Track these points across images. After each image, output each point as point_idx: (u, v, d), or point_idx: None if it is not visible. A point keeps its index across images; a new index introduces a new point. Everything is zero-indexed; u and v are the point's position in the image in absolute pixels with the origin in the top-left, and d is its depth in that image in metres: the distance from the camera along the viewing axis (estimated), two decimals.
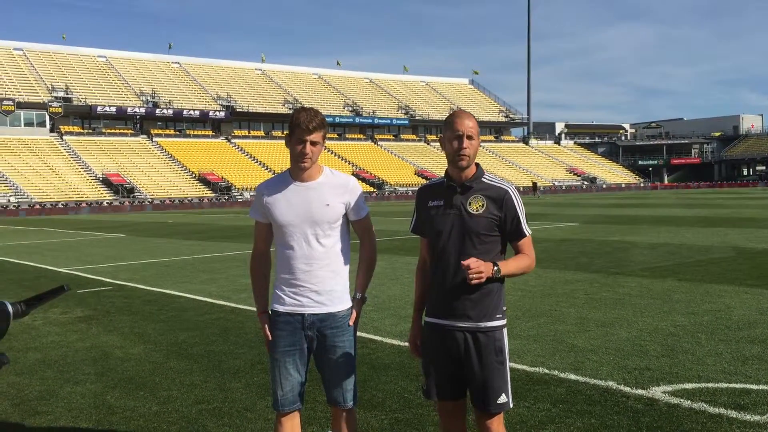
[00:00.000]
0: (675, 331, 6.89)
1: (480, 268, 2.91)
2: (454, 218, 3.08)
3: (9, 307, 2.12)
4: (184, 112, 74.69)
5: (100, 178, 61.10)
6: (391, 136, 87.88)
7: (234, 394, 5.25)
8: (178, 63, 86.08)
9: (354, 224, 3.38)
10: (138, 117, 72.84)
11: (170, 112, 74.29)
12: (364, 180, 68.81)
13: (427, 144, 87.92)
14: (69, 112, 69.11)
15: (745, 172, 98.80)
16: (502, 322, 3.13)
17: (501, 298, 3.14)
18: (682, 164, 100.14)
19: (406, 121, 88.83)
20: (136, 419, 4.77)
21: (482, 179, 3.12)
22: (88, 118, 71.14)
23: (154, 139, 72.01)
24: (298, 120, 3.16)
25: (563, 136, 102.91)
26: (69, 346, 7.05)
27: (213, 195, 62.48)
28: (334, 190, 3.27)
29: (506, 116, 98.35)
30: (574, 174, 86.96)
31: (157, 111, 73.71)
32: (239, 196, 62.09)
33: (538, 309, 8.23)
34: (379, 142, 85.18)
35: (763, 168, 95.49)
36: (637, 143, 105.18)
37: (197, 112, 75.44)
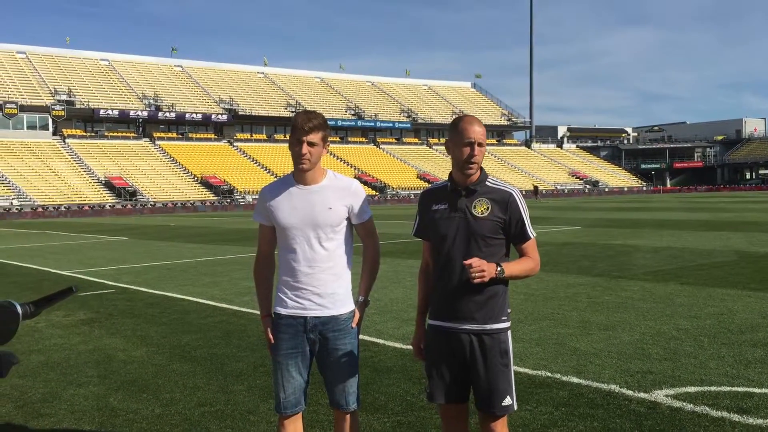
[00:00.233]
0: (677, 334, 6.88)
1: (483, 267, 2.92)
2: (459, 221, 3.09)
3: (18, 308, 2.13)
4: (187, 116, 74.75)
5: (103, 181, 61.19)
6: (394, 140, 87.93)
7: (237, 397, 5.25)
8: (181, 66, 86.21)
9: (357, 228, 3.37)
10: (140, 120, 72.94)
11: (173, 115, 74.36)
12: (366, 183, 68.83)
13: (429, 147, 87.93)
14: (72, 116, 69.26)
15: (747, 176, 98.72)
16: (507, 324, 3.14)
17: (506, 301, 3.15)
18: (685, 168, 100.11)
19: (409, 125, 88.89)
20: (139, 422, 4.77)
21: (486, 183, 3.13)
22: (91, 122, 71.28)
23: (157, 143, 72.10)
24: (296, 121, 3.20)
25: (566, 139, 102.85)
26: (72, 349, 7.06)
27: (215, 198, 62.54)
28: (336, 194, 3.27)
29: (509, 120, 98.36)
30: (577, 177, 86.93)
31: (160, 114, 73.79)
32: (241, 200, 62.14)
33: (541, 312, 8.24)
34: (381, 146, 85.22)
35: (766, 172, 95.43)
36: (640, 147, 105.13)
37: (200, 116, 75.52)
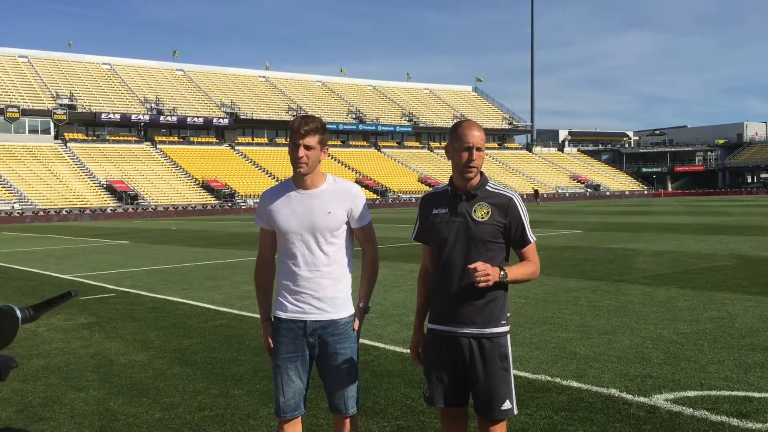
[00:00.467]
0: (677, 338, 6.89)
1: (487, 271, 2.94)
2: (460, 226, 3.10)
3: (18, 312, 2.14)
4: (188, 120, 74.82)
5: (104, 185, 61.23)
6: (395, 143, 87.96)
7: (237, 401, 5.26)
8: (182, 70, 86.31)
9: (356, 232, 3.38)
10: (142, 124, 73.00)
11: (174, 119, 74.42)
12: (367, 187, 68.85)
13: (431, 151, 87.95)
14: (73, 120, 69.32)
15: (749, 180, 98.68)
16: (507, 328, 3.16)
17: (505, 305, 3.16)
18: (686, 172, 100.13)
19: (410, 128, 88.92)
20: (139, 426, 4.78)
21: (486, 187, 3.15)
22: (93, 126, 71.34)
23: (158, 146, 72.14)
24: (293, 125, 3.23)
25: (567, 143, 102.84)
26: (72, 353, 7.07)
27: (216, 202, 62.57)
28: (336, 198, 3.28)
29: (510, 123, 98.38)
30: (578, 181, 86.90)
31: (161, 118, 73.85)
32: (243, 203, 62.18)
33: (541, 316, 8.24)
34: (382, 149, 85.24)
35: (767, 176, 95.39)
36: (641, 151, 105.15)
37: (201, 120, 75.57)
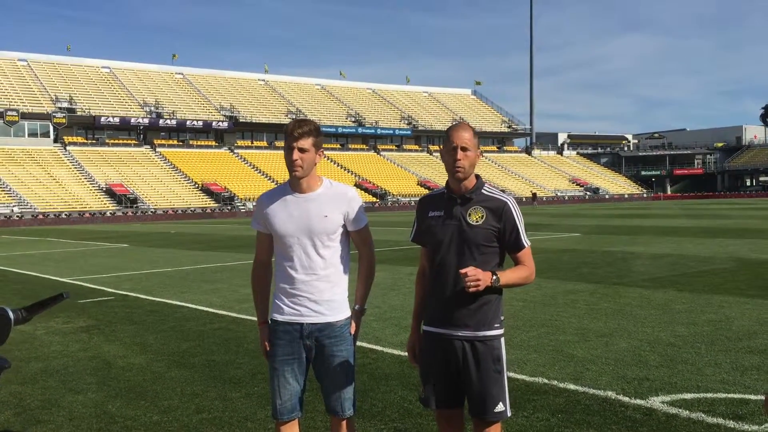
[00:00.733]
0: (675, 341, 6.90)
1: (478, 276, 2.95)
2: (454, 229, 3.12)
3: (10, 314, 2.16)
4: (188, 123, 74.81)
5: (104, 189, 61.22)
6: (394, 147, 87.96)
7: (234, 404, 5.27)
8: (182, 74, 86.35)
9: (352, 235, 3.40)
10: (141, 127, 72.99)
11: (173, 122, 74.41)
12: (366, 190, 68.89)
13: (430, 154, 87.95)
14: (73, 123, 69.32)
15: (748, 183, 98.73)
16: (500, 331, 3.17)
17: (499, 308, 3.17)
18: (685, 175, 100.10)
19: (409, 132, 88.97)
20: (138, 428, 4.79)
21: (482, 191, 3.16)
22: (92, 129, 71.32)
23: (158, 150, 72.14)
24: (288, 128, 3.25)
25: (566, 146, 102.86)
26: (71, 356, 7.08)
27: (216, 205, 62.57)
28: (332, 201, 3.30)
29: (509, 127, 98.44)
30: (577, 184, 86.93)
31: (161, 121, 73.84)
32: (242, 207, 62.15)
33: (539, 319, 8.25)
34: (381, 153, 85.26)
35: (766, 179, 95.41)
36: (640, 154, 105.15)
37: (200, 123, 75.58)
